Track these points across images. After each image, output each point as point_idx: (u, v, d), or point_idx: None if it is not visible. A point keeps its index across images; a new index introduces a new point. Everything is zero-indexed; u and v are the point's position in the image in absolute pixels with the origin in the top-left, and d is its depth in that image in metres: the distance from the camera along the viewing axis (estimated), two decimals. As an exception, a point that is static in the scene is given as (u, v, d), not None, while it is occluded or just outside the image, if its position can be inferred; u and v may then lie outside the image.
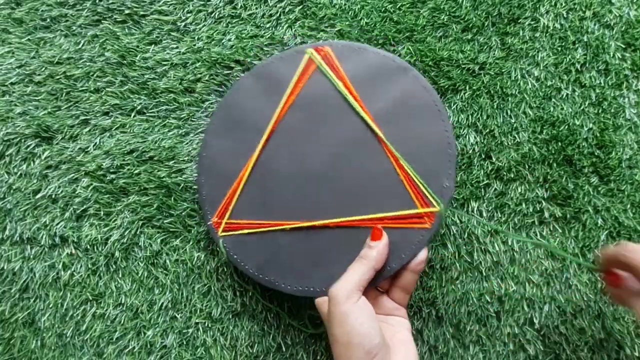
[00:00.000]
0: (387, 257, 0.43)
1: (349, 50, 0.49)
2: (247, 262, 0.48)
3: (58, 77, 0.52)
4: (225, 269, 0.51)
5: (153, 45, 0.52)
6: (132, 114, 0.52)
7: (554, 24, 0.54)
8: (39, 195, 0.51)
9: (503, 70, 0.53)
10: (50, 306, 0.50)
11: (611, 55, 0.54)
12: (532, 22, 0.54)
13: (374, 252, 0.42)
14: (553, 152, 0.52)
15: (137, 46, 0.52)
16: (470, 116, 0.53)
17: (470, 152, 0.52)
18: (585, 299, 0.51)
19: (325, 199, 0.46)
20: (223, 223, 0.48)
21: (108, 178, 0.51)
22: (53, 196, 0.51)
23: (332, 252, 0.46)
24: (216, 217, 0.49)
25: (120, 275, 0.51)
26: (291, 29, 0.53)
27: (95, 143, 0.51)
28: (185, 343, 0.50)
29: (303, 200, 0.47)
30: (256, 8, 0.53)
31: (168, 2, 0.53)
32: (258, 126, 0.49)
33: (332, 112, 0.48)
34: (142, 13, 0.53)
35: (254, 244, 0.48)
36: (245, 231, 0.48)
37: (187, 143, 0.52)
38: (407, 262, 0.44)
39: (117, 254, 0.50)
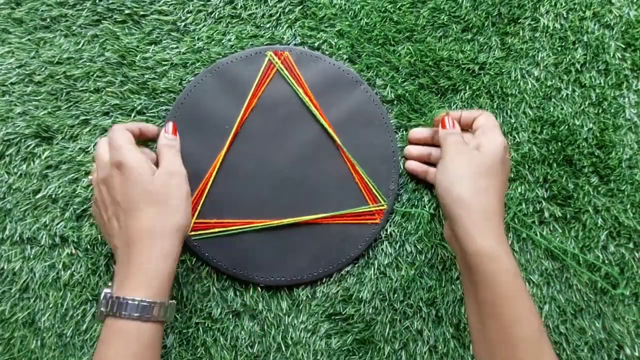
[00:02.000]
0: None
1: (307, 58, 0.52)
2: (220, 259, 0.50)
3: (58, 77, 0.52)
4: (187, 255, 0.51)
5: (153, 45, 0.52)
6: (132, 114, 0.52)
7: (554, 24, 0.54)
8: (39, 195, 0.51)
9: (503, 70, 0.53)
10: (51, 306, 0.50)
11: (611, 55, 0.54)
12: (532, 22, 0.54)
13: (177, 144, 0.46)
14: (553, 152, 0.52)
15: (137, 46, 0.52)
16: (470, 116, 0.53)
17: (470, 152, 0.52)
18: (585, 299, 0.51)
19: (289, 198, 0.51)
20: (191, 223, 0.48)
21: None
22: (53, 196, 0.51)
23: (299, 246, 0.51)
24: None
25: (120, 275, 0.51)
26: (291, 29, 0.53)
27: (96, 143, 0.51)
28: (185, 343, 0.50)
29: (269, 200, 0.51)
30: (256, 8, 0.53)
31: (168, 2, 0.53)
32: (221, 127, 0.50)
33: (293, 116, 0.51)
34: (142, 13, 0.53)
35: (226, 242, 0.50)
36: (216, 230, 0.50)
37: (187, 143, 0.52)
38: (359, 254, 0.51)
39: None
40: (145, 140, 0.47)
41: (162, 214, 0.41)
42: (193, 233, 0.49)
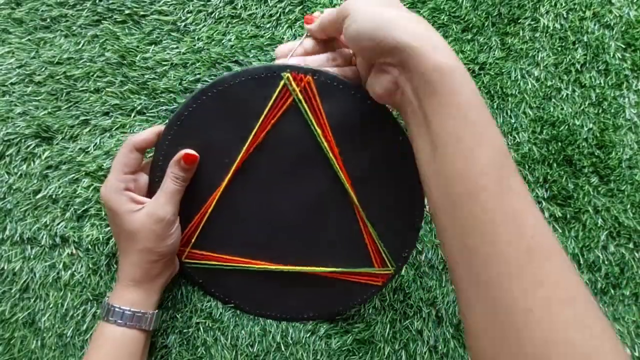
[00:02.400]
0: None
1: (335, 88, 0.41)
2: (212, 287, 0.49)
3: (58, 77, 0.52)
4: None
5: (153, 46, 0.52)
6: (132, 114, 0.52)
7: (554, 24, 0.54)
8: (39, 196, 0.51)
9: (503, 71, 0.53)
10: (51, 306, 0.50)
11: (611, 56, 0.54)
12: (532, 22, 0.54)
13: (186, 174, 0.44)
14: (553, 152, 0.52)
15: (137, 46, 0.52)
16: (470, 116, 0.53)
17: (470, 152, 0.52)
18: (585, 299, 0.51)
19: (289, 245, 0.46)
20: (186, 251, 0.47)
21: (108, 178, 0.51)
22: (53, 196, 0.51)
23: (292, 290, 0.48)
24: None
25: (120, 276, 0.51)
26: (291, 29, 0.53)
27: (96, 143, 0.51)
28: (185, 343, 0.50)
29: (269, 243, 0.46)
30: (256, 8, 0.53)
31: (168, 2, 0.53)
32: (222, 160, 0.43)
33: (306, 160, 0.43)
34: (142, 13, 0.53)
35: (221, 274, 0.47)
36: (211, 262, 0.47)
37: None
38: (348, 309, 0.49)
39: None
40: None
41: (134, 253, 0.43)
42: (187, 261, 0.47)
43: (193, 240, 0.47)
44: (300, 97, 0.41)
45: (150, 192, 0.45)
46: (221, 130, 0.43)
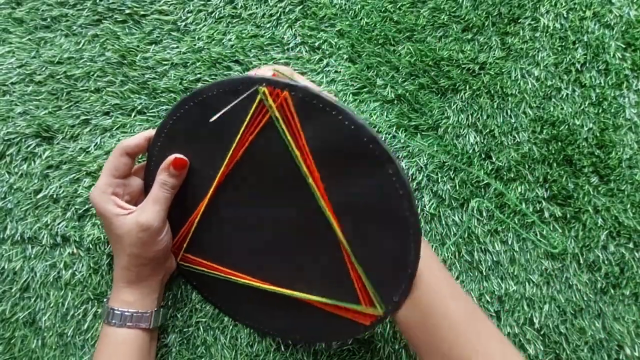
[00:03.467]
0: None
1: (315, 107, 0.36)
2: (205, 292, 0.49)
3: (58, 76, 0.52)
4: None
5: (153, 45, 0.52)
6: (133, 114, 0.52)
7: (554, 24, 0.54)
8: (40, 195, 0.51)
9: (503, 70, 0.53)
10: (51, 306, 0.50)
11: (611, 55, 0.54)
12: (533, 22, 0.54)
13: (176, 180, 0.43)
14: (553, 152, 0.52)
15: (138, 46, 0.52)
16: (470, 116, 0.53)
17: (470, 152, 0.52)
18: (585, 298, 0.51)
19: (275, 262, 0.43)
20: (180, 254, 0.47)
21: (109, 178, 0.51)
22: (54, 196, 0.51)
23: (279, 311, 0.45)
24: (173, 246, 0.47)
25: (120, 275, 0.51)
26: (291, 29, 0.53)
27: (96, 143, 0.51)
28: (185, 342, 0.50)
29: (255, 257, 0.43)
30: (256, 8, 0.53)
31: (168, 2, 0.53)
32: (207, 172, 0.42)
33: (285, 183, 0.39)
34: (142, 13, 0.53)
35: (211, 280, 0.46)
36: (202, 269, 0.46)
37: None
38: (334, 345, 0.48)
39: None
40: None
41: (123, 256, 0.43)
42: (181, 263, 0.47)
43: (185, 246, 0.46)
44: (278, 114, 0.37)
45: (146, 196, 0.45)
46: (204, 141, 0.41)
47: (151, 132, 0.44)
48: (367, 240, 0.38)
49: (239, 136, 0.39)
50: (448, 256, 0.52)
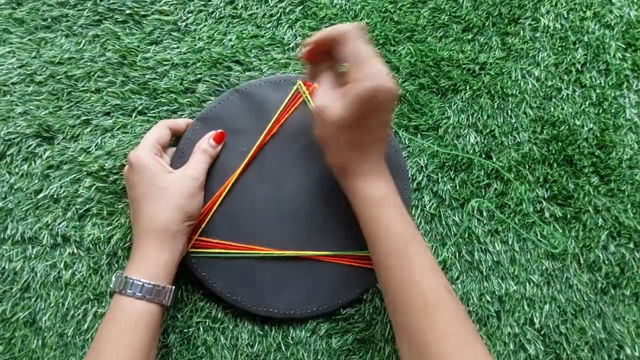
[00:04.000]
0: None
1: None
2: (215, 281, 0.49)
3: (59, 77, 0.52)
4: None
5: (154, 45, 0.52)
6: (134, 114, 0.52)
7: (554, 24, 0.54)
8: (40, 195, 0.51)
9: (503, 71, 0.53)
10: (52, 306, 0.50)
11: (612, 55, 0.54)
12: (533, 22, 0.54)
13: (214, 151, 0.49)
14: (553, 152, 0.52)
15: (138, 46, 0.52)
16: (470, 116, 0.53)
17: (471, 152, 0.52)
18: (585, 298, 0.51)
19: (294, 230, 0.49)
20: (193, 240, 0.48)
21: (111, 179, 0.51)
22: (55, 196, 0.51)
23: (296, 280, 0.49)
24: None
25: (121, 275, 0.51)
26: (292, 29, 0.53)
27: (97, 143, 0.51)
28: (186, 342, 0.50)
29: (274, 228, 0.49)
30: (257, 8, 0.53)
31: (169, 2, 0.53)
32: (239, 149, 0.50)
33: (312, 150, 0.50)
34: (143, 13, 0.53)
35: (224, 264, 0.49)
36: (216, 250, 0.49)
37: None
38: (354, 298, 0.50)
39: (119, 252, 0.50)
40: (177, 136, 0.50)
41: (164, 209, 0.44)
42: (192, 250, 0.48)
43: (202, 226, 0.49)
44: (309, 97, 0.50)
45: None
46: (242, 123, 0.50)
47: (189, 120, 0.50)
48: None
49: (277, 113, 0.50)
50: (448, 256, 0.52)
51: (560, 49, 0.54)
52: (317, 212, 0.50)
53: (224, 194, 0.49)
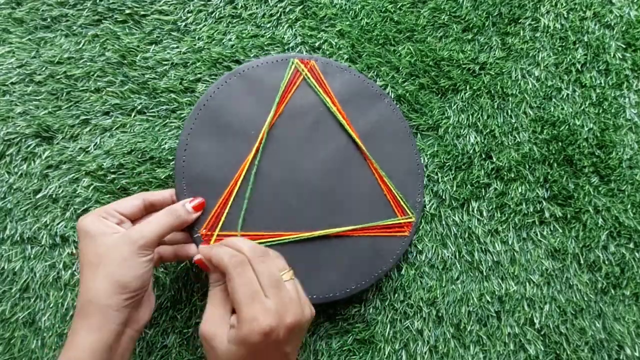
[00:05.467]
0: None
1: (332, 68, 0.50)
2: None
3: (58, 76, 0.52)
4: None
5: (153, 45, 0.52)
6: (133, 114, 0.52)
7: (554, 24, 0.54)
8: (39, 195, 0.51)
9: (503, 70, 0.53)
10: (51, 306, 0.50)
11: (612, 55, 0.54)
12: (533, 22, 0.54)
13: (187, 215, 0.43)
14: (553, 152, 0.52)
15: (138, 46, 0.52)
16: (470, 116, 0.53)
17: (471, 152, 0.52)
18: (585, 299, 0.51)
19: (317, 210, 0.48)
20: (215, 236, 0.46)
21: (109, 178, 0.51)
22: (54, 196, 0.51)
23: (329, 260, 0.48)
24: (205, 229, 0.46)
25: (120, 275, 0.51)
26: (292, 29, 0.53)
27: (96, 143, 0.51)
28: (185, 343, 0.50)
29: (297, 211, 0.48)
30: (257, 8, 0.53)
31: (168, 1, 0.53)
32: (247, 133, 0.48)
33: (321, 125, 0.49)
34: (142, 13, 0.53)
35: None
36: None
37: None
38: (390, 268, 0.50)
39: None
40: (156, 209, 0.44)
41: (93, 279, 0.37)
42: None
43: (222, 219, 0.46)
44: (309, 75, 0.50)
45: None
46: (246, 106, 0.48)
47: (172, 190, 0.46)
48: (386, 157, 0.50)
49: (280, 92, 0.49)
50: (448, 256, 0.52)
51: (560, 49, 0.54)
52: (337, 187, 0.49)
53: (239, 182, 0.47)
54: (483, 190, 0.52)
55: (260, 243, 0.45)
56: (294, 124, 0.49)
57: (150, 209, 0.44)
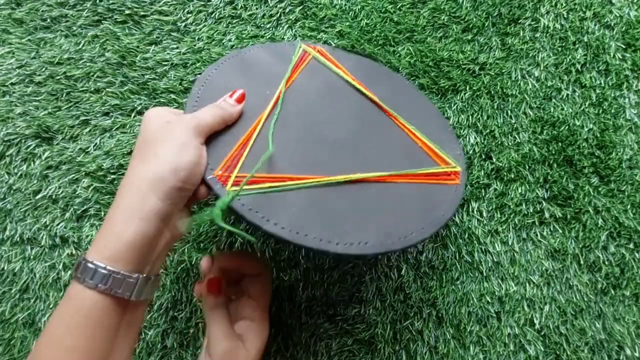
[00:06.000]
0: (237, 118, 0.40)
1: (339, 53, 0.50)
2: (276, 219, 0.36)
3: (58, 77, 0.52)
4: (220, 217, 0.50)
5: (153, 46, 0.52)
6: (133, 114, 0.52)
7: (554, 25, 0.54)
8: (39, 196, 0.51)
9: (503, 71, 0.53)
10: (51, 307, 0.50)
11: (611, 56, 0.54)
12: (533, 23, 0.54)
13: (232, 109, 0.40)
14: (553, 152, 0.52)
15: (138, 46, 0.52)
16: (470, 116, 0.53)
17: (471, 152, 0.52)
18: (585, 299, 0.51)
19: (352, 155, 0.42)
20: (233, 176, 0.37)
21: (108, 178, 0.51)
22: (53, 197, 0.51)
23: (377, 206, 0.40)
24: (221, 170, 0.38)
25: (120, 276, 0.51)
26: (291, 30, 0.53)
27: (96, 143, 0.51)
28: (185, 344, 0.50)
29: (325, 159, 0.41)
30: (256, 8, 0.53)
31: (168, 2, 0.53)
32: (271, 79, 0.44)
33: (336, 91, 0.47)
34: (142, 13, 0.53)
35: (284, 199, 0.38)
36: (266, 185, 0.38)
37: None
38: (451, 215, 0.43)
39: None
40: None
41: (145, 159, 0.34)
42: (236, 188, 0.36)
43: (242, 159, 0.39)
44: (318, 55, 0.48)
45: None
46: (269, 61, 0.46)
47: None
48: (413, 117, 0.47)
49: (295, 59, 0.47)
50: (448, 257, 0.52)
51: (560, 49, 0.54)
52: (366, 140, 0.44)
53: (259, 127, 0.41)
54: (483, 190, 0.52)
55: (287, 186, 0.38)
56: (314, 83, 0.46)
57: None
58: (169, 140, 0.34)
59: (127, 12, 0.52)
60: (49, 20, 0.52)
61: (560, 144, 0.53)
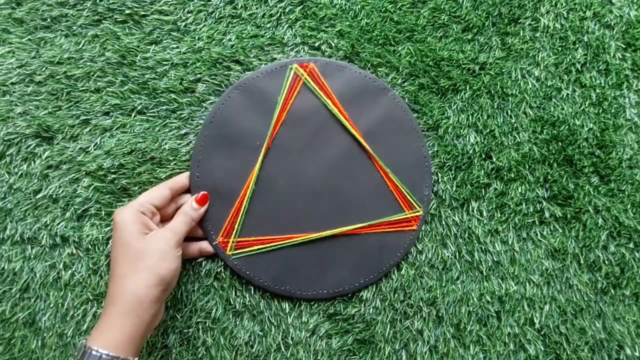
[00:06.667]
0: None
1: (332, 68, 0.52)
2: (261, 276, 0.50)
3: (58, 77, 0.52)
4: (224, 271, 0.51)
5: (153, 45, 0.52)
6: (133, 114, 0.52)
7: (554, 24, 0.54)
8: (39, 195, 0.51)
9: (503, 70, 0.53)
10: (51, 306, 0.50)
11: (611, 55, 0.54)
12: (533, 22, 0.54)
13: (195, 213, 0.48)
14: (553, 152, 0.52)
15: (138, 46, 0.52)
16: (470, 116, 0.53)
17: (471, 152, 0.52)
18: (585, 299, 0.51)
19: (324, 211, 0.51)
20: (231, 242, 0.50)
21: (109, 178, 0.51)
22: (54, 196, 0.51)
23: (338, 258, 0.51)
24: (222, 236, 0.50)
25: (120, 275, 0.51)
26: (291, 29, 0.53)
27: (96, 143, 0.51)
28: (185, 343, 0.50)
29: (305, 213, 0.51)
30: (256, 8, 0.53)
31: (168, 2, 0.53)
32: (252, 144, 0.50)
33: (324, 128, 0.51)
34: (142, 13, 0.53)
35: (267, 258, 0.50)
36: (256, 247, 0.50)
37: (187, 143, 0.52)
38: (398, 261, 0.51)
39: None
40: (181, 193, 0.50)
41: (133, 272, 0.42)
42: (233, 252, 0.50)
43: (236, 227, 0.50)
44: (309, 79, 0.51)
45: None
46: (249, 119, 0.51)
47: (187, 173, 0.51)
48: (392, 153, 0.51)
49: (281, 100, 0.51)
50: (448, 256, 0.52)
51: (560, 49, 0.54)
52: (343, 188, 0.51)
53: (249, 191, 0.50)
54: (483, 190, 0.52)
55: (271, 246, 0.50)
56: (296, 130, 0.51)
57: (175, 195, 0.49)
58: (155, 252, 0.43)
59: (127, 11, 0.52)
60: (49, 19, 0.52)
61: (560, 143, 0.53)
